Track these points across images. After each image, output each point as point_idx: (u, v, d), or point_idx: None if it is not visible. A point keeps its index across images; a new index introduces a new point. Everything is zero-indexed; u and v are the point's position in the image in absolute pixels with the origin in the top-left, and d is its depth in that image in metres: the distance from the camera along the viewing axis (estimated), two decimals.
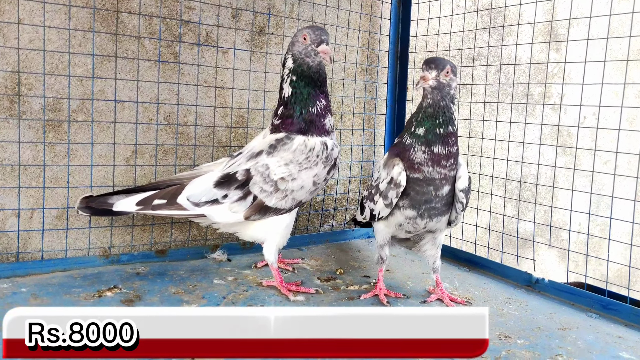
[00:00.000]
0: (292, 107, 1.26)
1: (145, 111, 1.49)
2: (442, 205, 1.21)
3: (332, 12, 1.75)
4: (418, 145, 1.17)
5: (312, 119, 1.26)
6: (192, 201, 1.23)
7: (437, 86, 1.15)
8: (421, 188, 1.18)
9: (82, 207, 1.27)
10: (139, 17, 1.45)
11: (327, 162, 1.26)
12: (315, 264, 1.54)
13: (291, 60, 1.25)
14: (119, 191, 1.31)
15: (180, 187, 1.25)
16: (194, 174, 1.30)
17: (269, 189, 1.23)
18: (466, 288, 1.41)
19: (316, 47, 1.22)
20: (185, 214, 1.25)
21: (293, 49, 1.25)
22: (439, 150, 1.16)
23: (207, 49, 1.56)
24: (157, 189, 1.27)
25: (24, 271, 1.32)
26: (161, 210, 1.23)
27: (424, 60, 1.17)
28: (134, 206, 1.24)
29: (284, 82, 1.27)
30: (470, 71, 1.95)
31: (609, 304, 1.30)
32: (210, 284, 1.33)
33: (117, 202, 1.24)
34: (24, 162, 1.35)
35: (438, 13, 1.82)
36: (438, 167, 1.17)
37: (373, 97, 1.89)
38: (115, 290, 1.25)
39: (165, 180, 1.33)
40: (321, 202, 1.81)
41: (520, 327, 1.19)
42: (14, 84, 1.32)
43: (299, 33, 1.25)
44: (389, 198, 1.20)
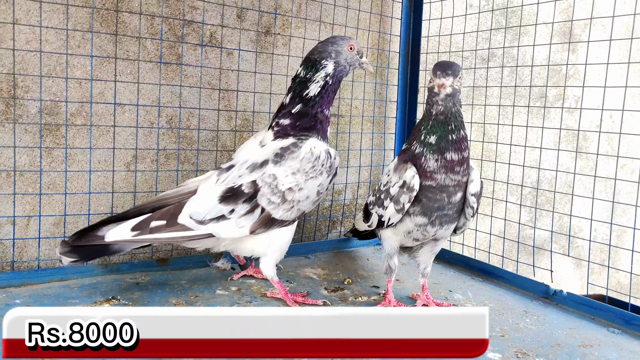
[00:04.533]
0: (311, 105, 1.23)
1: (147, 114, 1.44)
2: (454, 212, 1.18)
3: (341, 12, 1.69)
4: (430, 153, 1.12)
5: (322, 120, 1.24)
6: (196, 219, 1.16)
7: (452, 93, 1.10)
8: (434, 195, 1.14)
9: (66, 252, 1.12)
10: (140, 17, 1.40)
11: (330, 171, 1.23)
12: (322, 273, 1.48)
13: (332, 66, 1.23)
14: (104, 221, 1.18)
15: (179, 206, 1.17)
16: (179, 191, 1.23)
17: (277, 200, 1.18)
18: (480, 300, 1.36)
19: (360, 58, 1.28)
20: (189, 235, 1.16)
21: (338, 58, 1.24)
22: (452, 157, 1.12)
23: (211, 50, 1.51)
24: (142, 213, 1.17)
25: (20, 281, 1.27)
26: (161, 233, 1.14)
27: (437, 65, 1.12)
28: (129, 233, 1.12)
29: (313, 82, 1.23)
30: (483, 72, 1.89)
31: (632, 319, 1.23)
32: (213, 295, 1.28)
33: (107, 233, 1.12)
34: (20, 167, 1.31)
35: (451, 12, 1.76)
36: (452, 174, 1.13)
37: (383, 99, 1.83)
38: (113, 301, 1.21)
39: (149, 203, 1.22)
40: (329, 208, 1.76)
41: (539, 343, 1.13)
42: (10, 86, 1.27)
43: (343, 42, 1.25)
44: (401, 203, 1.16)
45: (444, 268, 1.62)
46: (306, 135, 1.22)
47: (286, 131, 1.23)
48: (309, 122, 1.23)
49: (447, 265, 1.64)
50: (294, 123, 1.23)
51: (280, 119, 1.25)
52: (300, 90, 1.24)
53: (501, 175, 1.83)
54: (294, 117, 1.23)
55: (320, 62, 1.24)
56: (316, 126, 1.23)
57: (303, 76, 1.24)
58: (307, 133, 1.22)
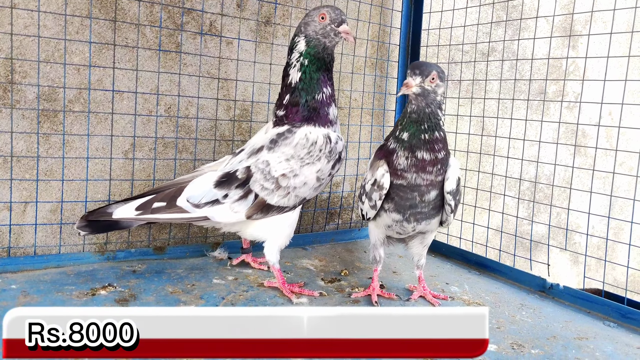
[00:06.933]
0: (298, 93, 1.20)
1: (145, 102, 1.43)
2: (430, 209, 1.17)
3: (341, 4, 1.68)
4: (401, 150, 1.12)
5: (316, 106, 1.20)
6: (193, 202, 1.18)
7: (421, 93, 1.09)
8: (405, 194, 1.15)
9: (82, 226, 1.19)
10: (139, 4, 1.39)
11: (330, 157, 1.20)
12: (319, 264, 1.48)
13: (304, 42, 1.18)
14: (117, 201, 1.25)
15: (180, 189, 1.19)
16: (195, 176, 1.24)
17: (270, 186, 1.17)
18: (477, 292, 1.36)
19: (337, 27, 1.17)
20: (186, 217, 1.19)
21: (307, 30, 1.18)
22: (423, 156, 1.11)
23: (211, 39, 1.50)
24: (155, 194, 1.21)
25: (16, 267, 1.27)
26: (161, 214, 1.18)
27: (410, 65, 1.13)
28: (133, 212, 1.17)
29: (291, 67, 1.21)
30: (483, 67, 1.89)
31: (627, 313, 1.23)
32: (209, 284, 1.28)
33: (115, 210, 1.18)
34: (17, 153, 1.30)
35: (451, 6, 1.76)
36: (423, 174, 1.12)
37: (382, 92, 1.83)
38: (109, 288, 1.20)
39: (167, 185, 1.26)
40: (327, 200, 1.75)
41: (535, 335, 1.13)
42: (8, 71, 1.27)
43: (314, 12, 1.18)
44: (373, 200, 1.17)
45: (441, 261, 1.62)
46: (299, 125, 1.21)
47: (282, 121, 1.23)
48: (302, 111, 1.20)
49: (444, 258, 1.64)
50: (287, 114, 1.22)
51: (277, 109, 1.25)
52: (284, 78, 1.22)
53: (500, 170, 1.83)
54: (286, 108, 1.22)
55: (294, 40, 1.20)
56: (310, 116, 1.20)
57: (287, 61, 1.22)
58: (299, 124, 1.21)
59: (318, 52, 1.18)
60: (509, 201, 1.88)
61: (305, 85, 1.19)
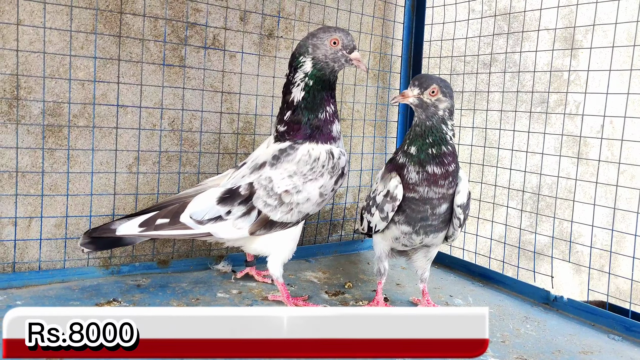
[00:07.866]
0: (301, 112, 1.19)
1: (149, 116, 1.44)
2: (440, 222, 1.18)
3: (343, 16, 1.69)
4: (411, 165, 1.13)
5: (319, 124, 1.19)
6: (196, 219, 1.17)
7: (419, 104, 1.11)
8: (417, 207, 1.15)
9: (86, 243, 1.18)
10: (143, 18, 1.40)
11: (333, 172, 1.20)
12: (323, 277, 1.48)
13: (310, 63, 1.17)
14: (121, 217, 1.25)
15: (183, 205, 1.19)
16: (198, 190, 1.24)
17: (273, 202, 1.17)
18: (480, 305, 1.36)
19: (348, 54, 1.16)
20: (190, 233, 1.19)
21: (315, 52, 1.16)
22: (434, 170, 1.12)
23: (214, 53, 1.51)
24: (160, 209, 1.21)
25: (21, 282, 1.27)
26: (164, 230, 1.17)
27: (413, 77, 1.14)
28: (136, 228, 1.17)
29: (295, 86, 1.19)
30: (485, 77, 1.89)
31: (632, 326, 1.23)
32: (213, 298, 1.28)
33: (119, 227, 1.17)
34: (22, 168, 1.30)
35: (453, 17, 1.76)
36: (435, 187, 1.13)
37: (385, 103, 1.83)
38: (114, 303, 1.21)
39: (170, 201, 1.26)
40: (330, 212, 1.75)
41: (540, 349, 1.13)
42: (13, 87, 1.27)
43: (325, 36, 1.16)
44: (385, 211, 1.17)
45: (445, 273, 1.62)
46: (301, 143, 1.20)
47: (284, 137, 1.22)
48: (305, 130, 1.19)
49: (447, 270, 1.64)
50: (289, 131, 1.21)
51: (278, 124, 1.24)
52: (285, 95, 1.21)
53: (502, 180, 1.83)
54: (287, 125, 1.21)
55: (298, 59, 1.18)
56: (312, 134, 1.19)
57: (287, 77, 1.21)
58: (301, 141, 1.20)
59: (325, 75, 1.18)
60: (512, 212, 1.88)
61: (308, 104, 1.19)
